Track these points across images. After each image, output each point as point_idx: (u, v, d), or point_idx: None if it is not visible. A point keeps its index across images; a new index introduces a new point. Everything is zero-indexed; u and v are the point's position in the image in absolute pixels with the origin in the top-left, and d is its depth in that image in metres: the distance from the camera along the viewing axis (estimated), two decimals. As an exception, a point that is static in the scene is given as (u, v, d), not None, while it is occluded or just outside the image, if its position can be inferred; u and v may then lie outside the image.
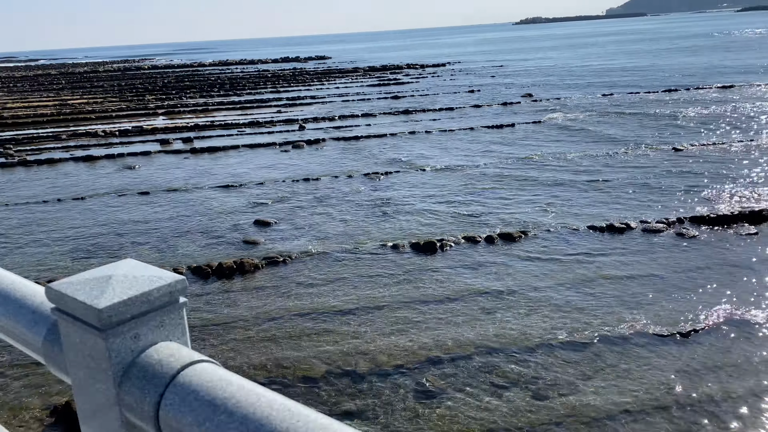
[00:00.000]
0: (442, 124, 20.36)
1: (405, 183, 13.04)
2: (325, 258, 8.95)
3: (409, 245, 9.15)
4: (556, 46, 74.24)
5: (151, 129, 22.28)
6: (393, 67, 50.08)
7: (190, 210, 11.80)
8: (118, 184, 14.33)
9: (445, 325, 6.70)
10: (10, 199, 13.31)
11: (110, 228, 10.92)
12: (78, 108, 30.58)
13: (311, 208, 11.59)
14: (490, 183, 12.67)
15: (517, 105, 24.25)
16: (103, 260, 9.36)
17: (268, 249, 9.45)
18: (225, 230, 10.49)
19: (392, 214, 10.89)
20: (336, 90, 34.51)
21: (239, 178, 14.32)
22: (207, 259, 9.17)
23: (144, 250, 9.71)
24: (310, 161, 15.87)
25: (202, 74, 54.51)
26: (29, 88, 47.79)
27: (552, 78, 34.66)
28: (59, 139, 21.23)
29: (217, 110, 27.68)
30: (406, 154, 15.96)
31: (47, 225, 11.26)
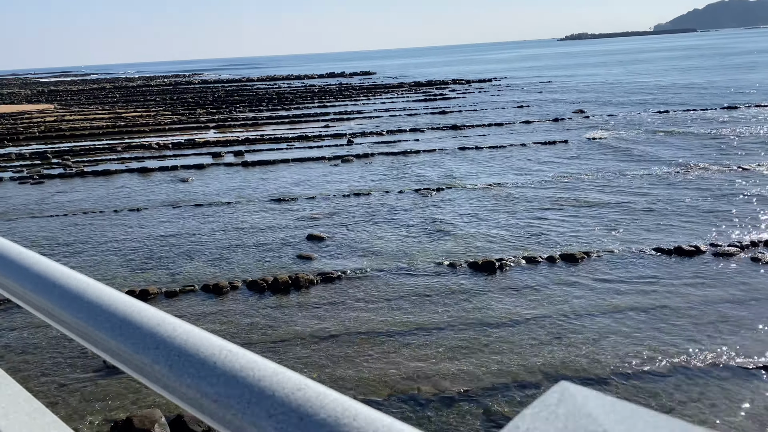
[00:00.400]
0: (493, 140, 20.06)
1: (457, 199, 12.81)
2: (380, 275, 8.78)
3: (467, 264, 8.91)
4: (604, 63, 73.01)
5: (203, 142, 22.64)
6: (438, 83, 49.99)
7: (243, 223, 11.82)
8: (173, 196, 14.50)
9: (510, 350, 6.43)
10: (70, 209, 13.60)
11: (166, 240, 11.00)
12: (132, 121, 31.39)
13: (363, 223, 11.46)
14: (547, 201, 12.33)
15: (569, 121, 23.77)
16: (159, 271, 9.41)
17: (323, 264, 9.34)
18: (278, 244, 10.44)
19: (446, 231, 10.67)
20: (382, 105, 34.57)
21: (290, 192, 14.32)
22: (261, 273, 9.11)
23: (198, 262, 9.72)
24: (359, 176, 15.79)
25: (251, 89, 55.46)
26: (85, 101, 49.44)
27: (603, 94, 33.97)
28: (115, 151, 21.74)
29: (266, 124, 28.00)
30: (458, 170, 15.73)
31: (105, 235, 11.42)
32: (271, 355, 6.61)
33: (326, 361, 6.42)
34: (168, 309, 8.00)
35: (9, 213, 13.47)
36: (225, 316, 7.73)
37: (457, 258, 9.28)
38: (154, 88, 65.18)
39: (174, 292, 8.48)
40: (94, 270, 9.56)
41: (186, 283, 8.89)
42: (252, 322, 7.50)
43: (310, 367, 6.29)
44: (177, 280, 9.02)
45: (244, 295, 8.38)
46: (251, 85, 62.39)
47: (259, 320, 7.53)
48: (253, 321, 7.52)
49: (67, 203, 14.25)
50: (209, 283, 8.66)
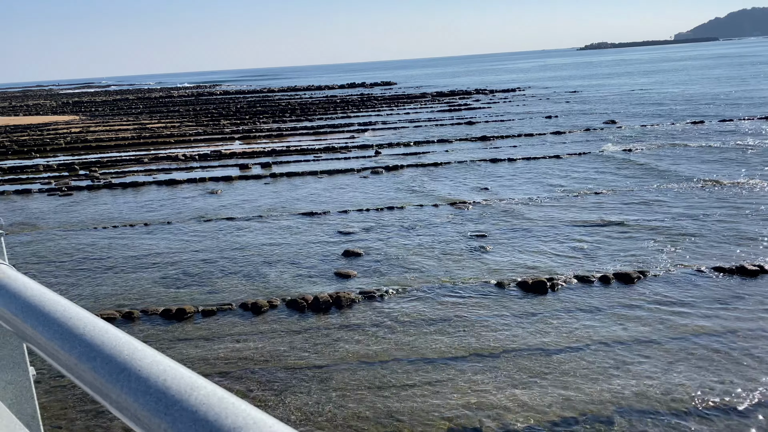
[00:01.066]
0: (525, 152, 19.62)
1: (496, 213, 12.40)
2: (424, 294, 8.39)
3: (516, 284, 8.49)
4: (629, 72, 72.16)
5: (229, 153, 22.49)
6: (462, 93, 49.63)
7: (277, 238, 11.52)
8: (203, 209, 14.27)
9: (573, 379, 6.00)
10: (99, 221, 13.42)
11: (199, 255, 10.73)
12: (157, 132, 31.43)
13: (400, 238, 11.10)
14: (590, 216, 11.87)
15: (601, 132, 23.26)
16: (194, 288, 9.12)
17: (362, 282, 8.98)
18: (315, 260, 10.10)
19: (487, 247, 10.26)
20: (406, 116, 34.28)
21: (322, 205, 14.02)
22: (300, 291, 8.77)
23: (235, 279, 9.41)
24: (391, 188, 15.45)
25: (273, 100, 55.56)
26: (109, 112, 49.85)
27: (632, 104, 33.35)
28: (141, 163, 21.65)
29: (291, 135, 27.83)
30: (492, 184, 15.32)
31: (137, 249, 11.18)
32: (316, 383, 6.26)
33: (376, 389, 6.04)
34: (205, 328, 7.70)
35: (39, 225, 13.31)
36: (265, 337, 7.40)
37: (502, 276, 8.87)
38: (176, 99, 65.65)
39: (211, 311, 8.17)
40: (128, 287, 9.29)
41: (223, 300, 8.58)
42: (294, 344, 7.15)
43: (358, 397, 5.91)
44: (213, 297, 8.72)
45: (284, 314, 8.04)
46: (273, 96, 62.55)
47: (301, 342, 7.18)
48: (294, 343, 7.17)
49: (96, 216, 14.07)
50: (247, 302, 8.34)
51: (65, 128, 36.28)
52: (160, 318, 8.09)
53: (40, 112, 53.77)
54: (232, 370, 6.61)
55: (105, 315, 8.11)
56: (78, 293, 9.19)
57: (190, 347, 7.22)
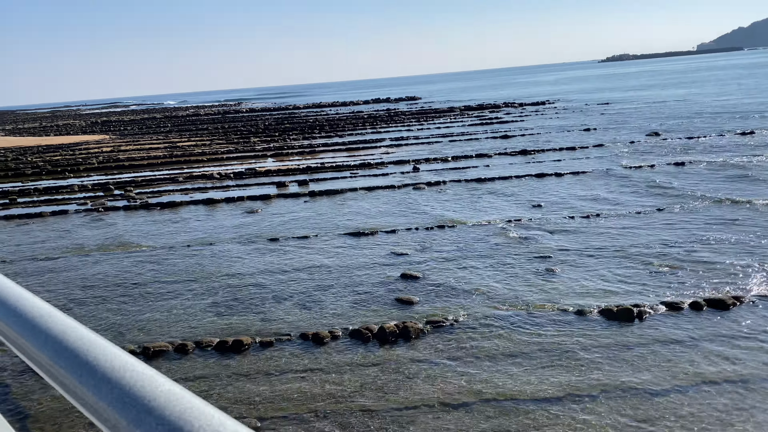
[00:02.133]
0: (571, 166, 18.91)
1: (557, 233, 11.71)
2: (496, 323, 7.75)
3: (599, 311, 7.80)
4: (658, 83, 70.96)
5: (264, 171, 22.11)
6: (490, 106, 49.03)
7: (326, 260, 10.96)
8: (244, 229, 13.81)
9: (691, 425, 5.29)
10: (138, 243, 13.00)
11: (247, 279, 10.21)
12: (188, 150, 31.29)
13: (458, 259, 10.47)
14: (663, 232, 11.13)
15: (646, 144, 22.44)
16: (247, 316, 8.58)
17: (426, 309, 8.37)
18: (371, 285, 9.52)
19: (555, 269, 9.58)
20: (437, 130, 33.75)
21: (367, 224, 13.46)
22: (360, 318, 8.19)
23: (288, 305, 8.86)
24: (436, 205, 14.85)
25: (299, 116, 55.50)
26: (138, 131, 50.13)
27: (670, 116, 32.41)
28: (176, 181, 21.36)
29: (323, 152, 27.43)
30: (544, 200, 14.63)
31: (181, 273, 10.71)
32: (395, 427, 5.64)
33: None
34: (265, 362, 7.14)
35: (80, 248, 12.94)
36: (331, 372, 6.80)
37: (577, 301, 8.19)
38: (203, 117, 66.01)
39: (269, 342, 7.61)
40: (177, 315, 8.79)
41: (279, 330, 8.02)
42: (364, 381, 6.54)
43: (451, 445, 5.27)
44: (269, 326, 8.17)
45: (347, 345, 7.45)
46: (299, 113, 62.56)
47: (371, 379, 6.57)
48: (364, 380, 6.56)
49: (135, 237, 13.68)
50: (307, 332, 7.76)
51: (96, 147, 36.39)
52: (216, 351, 7.55)
53: (71, 132, 54.33)
54: (301, 412, 6.02)
55: (155, 348, 7.60)
56: (124, 322, 8.71)
57: (251, 384, 6.66)
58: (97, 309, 9.28)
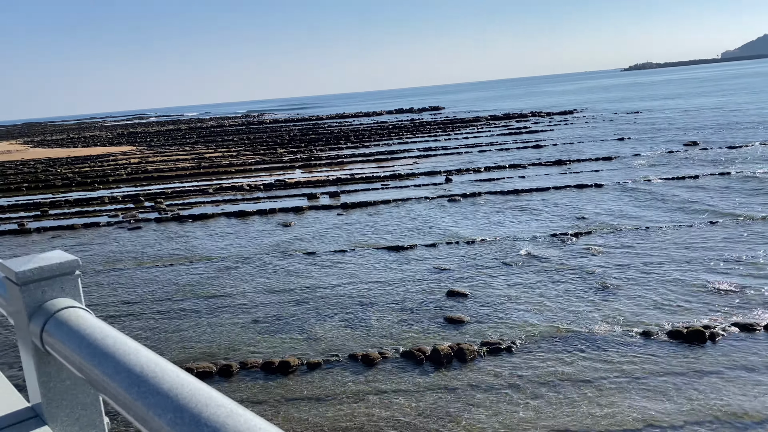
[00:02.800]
0: (611, 176, 18.36)
1: (607, 247, 11.22)
2: (556, 345, 7.31)
3: (666, 333, 7.32)
4: (689, 92, 69.80)
5: (293, 183, 21.89)
6: (517, 116, 48.49)
7: (367, 275, 10.61)
8: (279, 242, 13.52)
9: (792, 464, 4.82)
10: (173, 256, 12.77)
11: (287, 295, 9.89)
12: (215, 161, 31.26)
13: (505, 276, 10.05)
14: (724, 246, 10.59)
15: (685, 153, 21.80)
16: (291, 334, 8.25)
17: (478, 329, 7.96)
18: (416, 302, 9.13)
19: (611, 287, 9.12)
20: (465, 140, 33.33)
21: (404, 237, 13.09)
22: (411, 339, 7.80)
23: (332, 323, 8.51)
24: (475, 218, 14.43)
25: (323, 127, 55.47)
26: (164, 142, 50.44)
27: (706, 125, 31.62)
28: (206, 193, 21.22)
29: (351, 163, 27.17)
30: (589, 211, 14.13)
31: (219, 289, 10.42)
32: (461, 457, 5.24)
33: (543, 472, 4.98)
34: (314, 385, 6.78)
35: (115, 261, 12.75)
36: (385, 397, 6.43)
37: (642, 320, 7.72)
38: (228, 128, 66.36)
39: (317, 364, 7.26)
40: (217, 333, 8.48)
41: (325, 349, 7.67)
42: (421, 408, 6.15)
43: (527, 483, 4.85)
44: (315, 346, 7.82)
45: (399, 367, 7.07)
46: (323, 124, 62.58)
47: (428, 406, 6.18)
48: (421, 407, 6.17)
49: (170, 250, 13.47)
50: (356, 353, 7.40)
51: (124, 159, 36.59)
52: (261, 372, 7.21)
53: (98, 144, 54.89)
54: (359, 441, 5.65)
55: (199, 369, 7.29)
56: (163, 339, 8.43)
57: (300, 410, 6.30)
58: (132, 326, 9.02)
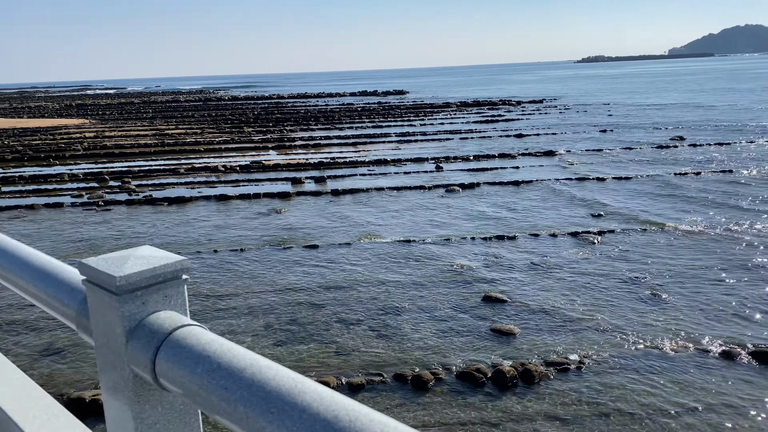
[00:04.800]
0: (609, 170, 17.77)
1: (639, 245, 10.49)
2: (628, 365, 6.47)
3: (749, 353, 6.57)
4: (652, 86, 70.80)
5: (272, 165, 20.52)
6: (487, 103, 47.91)
7: (383, 274, 9.57)
8: (272, 232, 12.31)
9: None
10: (156, 245, 11.38)
11: (299, 295, 8.76)
12: (179, 139, 29.42)
13: (538, 278, 9.18)
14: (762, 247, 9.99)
15: (675, 150, 21.46)
16: (313, 346, 7.16)
17: (531, 343, 7.06)
18: (450, 308, 8.17)
19: (660, 294, 8.36)
20: (441, 126, 32.43)
21: (411, 230, 12.09)
22: (457, 354, 6.83)
23: (360, 332, 7.46)
24: (482, 211, 13.54)
25: (287, 106, 53.67)
26: (118, 116, 47.76)
27: (686, 119, 31.63)
28: (177, 174, 19.65)
29: (327, 146, 25.89)
30: (601, 207, 13.42)
31: (219, 286, 9.20)
32: None
33: None
34: (361, 414, 5.72)
35: (90, 248, 11.29)
36: (450, 429, 5.45)
37: (715, 338, 6.96)
38: (184, 104, 63.61)
39: (359, 385, 6.21)
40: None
41: (361, 365, 6.63)
42: (499, 444, 5.20)
43: None
44: (348, 360, 6.76)
45: (457, 391, 6.09)
46: (285, 103, 60.66)
47: (508, 442, 5.23)
48: (499, 442, 5.22)
49: (150, 237, 12.09)
50: (404, 373, 6.37)
51: (77, 132, 34.22)
52: (295, 395, 6.11)
53: (45, 115, 51.62)
54: (441, 492, 4.65)
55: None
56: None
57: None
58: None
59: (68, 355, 7.13)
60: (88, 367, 6.79)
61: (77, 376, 6.58)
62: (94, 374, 6.54)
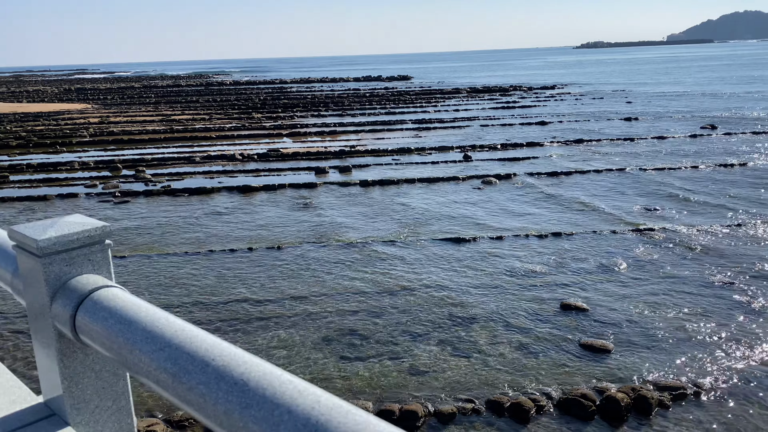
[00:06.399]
0: (648, 160, 16.95)
1: (716, 246, 9.68)
2: (751, 390, 5.69)
3: None
4: (663, 71, 69.80)
5: (291, 154, 19.64)
6: (497, 89, 46.94)
7: (440, 277, 8.76)
8: (305, 226, 11.49)
9: None
10: (185, 244, 10.56)
11: (350, 301, 7.96)
12: (188, 125, 28.46)
13: (615, 283, 8.39)
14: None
15: (709, 138, 20.64)
16: (385, 364, 6.36)
17: (630, 363, 6.27)
18: (526, 318, 7.37)
19: (753, 298, 7.58)
20: (456, 113, 31.53)
21: (458, 226, 11.27)
22: (550, 374, 6.04)
23: (435, 349, 6.66)
24: (523, 204, 12.73)
25: (292, 91, 52.63)
26: (120, 101, 46.67)
27: (707, 107, 30.76)
28: (193, 162, 18.76)
29: (343, 133, 24.99)
30: (655, 202, 12.61)
31: (260, 292, 8.37)
32: None
33: None
34: (459, 451, 4.95)
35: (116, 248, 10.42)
36: (568, 472, 4.66)
37: (830, 355, 6.18)
38: (186, 88, 62.41)
39: (449, 414, 5.42)
40: (288, 359, 6.51)
41: (444, 387, 5.84)
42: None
43: None
44: (428, 382, 5.97)
45: (564, 422, 5.31)
46: (289, 88, 59.57)
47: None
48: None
49: (175, 233, 11.25)
50: (499, 400, 5.58)
51: (81, 117, 33.20)
52: (378, 426, 5.31)
53: (45, 99, 50.44)
54: None
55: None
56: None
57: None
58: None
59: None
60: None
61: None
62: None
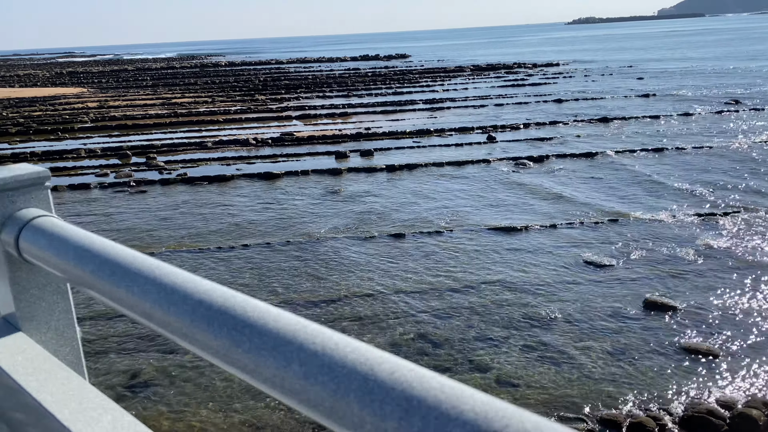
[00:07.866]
0: (677, 140, 16.31)
1: (780, 234, 9.09)
2: None
3: None
4: (668, 45, 68.91)
5: (307, 137, 18.86)
6: (502, 66, 46.02)
7: (501, 271, 8.12)
8: (340, 216, 10.81)
9: None
10: (215, 236, 9.86)
11: (410, 301, 7.31)
12: (192, 108, 27.53)
13: (694, 275, 7.78)
14: None
15: (737, 114, 20.00)
16: (465, 369, 5.74)
17: (741, 367, 5.68)
18: (609, 318, 6.76)
19: None
20: (466, 91, 30.73)
21: (504, 214, 10.62)
22: (654, 385, 5.45)
23: (519, 356, 6.05)
24: (567, 187, 12.09)
25: (291, 72, 51.51)
26: (116, 84, 45.49)
27: (724, 82, 30.07)
28: (205, 148, 17.96)
29: (355, 114, 24.17)
30: (700, 186, 11.99)
31: (312, 288, 7.71)
32: None
33: None
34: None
35: (145, 242, 9.71)
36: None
37: None
38: (181, 71, 61.08)
39: None
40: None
41: (542, 402, 5.24)
42: None
43: None
44: (516, 393, 5.38)
45: (685, 444, 4.71)
46: (288, 68, 58.42)
47: None
48: None
49: (202, 224, 10.54)
50: (616, 418, 4.97)
51: (78, 102, 32.16)
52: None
53: (38, 84, 49.14)
54: None
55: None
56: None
57: None
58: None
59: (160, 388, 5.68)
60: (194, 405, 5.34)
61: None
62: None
